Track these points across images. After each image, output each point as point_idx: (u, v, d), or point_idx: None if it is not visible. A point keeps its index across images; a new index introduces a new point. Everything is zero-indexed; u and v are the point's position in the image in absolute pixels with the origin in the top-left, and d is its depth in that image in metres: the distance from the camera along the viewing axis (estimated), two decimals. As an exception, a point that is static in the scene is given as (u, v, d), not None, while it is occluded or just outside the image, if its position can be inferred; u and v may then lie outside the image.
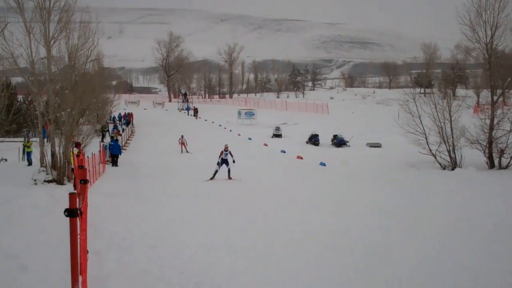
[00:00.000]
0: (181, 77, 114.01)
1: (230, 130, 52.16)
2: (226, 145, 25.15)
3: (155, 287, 6.92)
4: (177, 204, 14.58)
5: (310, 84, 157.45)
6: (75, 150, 20.18)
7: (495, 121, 28.27)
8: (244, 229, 10.96)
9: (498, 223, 11.93)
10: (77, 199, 4.30)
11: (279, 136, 49.56)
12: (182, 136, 36.84)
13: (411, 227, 11.61)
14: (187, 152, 35.63)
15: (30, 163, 26.04)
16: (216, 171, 23.86)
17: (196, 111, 70.88)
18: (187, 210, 13.44)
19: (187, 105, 79.73)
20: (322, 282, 7.33)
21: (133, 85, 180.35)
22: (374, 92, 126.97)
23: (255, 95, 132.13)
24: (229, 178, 23.79)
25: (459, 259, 8.68)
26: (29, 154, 26.98)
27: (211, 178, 23.49)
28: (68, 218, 4.15)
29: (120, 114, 57.79)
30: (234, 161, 24.15)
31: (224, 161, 24.25)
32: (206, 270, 7.68)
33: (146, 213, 12.84)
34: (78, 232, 4.29)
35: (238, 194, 18.13)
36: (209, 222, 11.82)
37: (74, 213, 4.16)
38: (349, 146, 42.67)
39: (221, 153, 24.45)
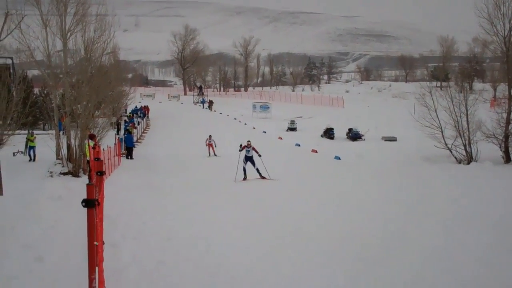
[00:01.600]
0: (196, 70, 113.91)
1: (245, 124, 52.11)
2: (248, 141, 22.30)
3: (170, 279, 6.98)
4: (192, 197, 14.63)
5: (325, 77, 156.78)
6: (91, 143, 20.34)
7: (512, 115, 28.00)
8: (260, 224, 10.97)
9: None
10: (94, 190, 4.36)
11: (294, 129, 49.48)
12: (210, 136, 31.67)
13: (426, 219, 11.53)
14: (215, 155, 30.54)
15: (31, 159, 25.11)
16: (245, 169, 21.38)
17: (211, 103, 71.04)
18: (202, 203, 13.50)
19: (203, 98, 79.72)
20: (338, 274, 7.34)
21: (149, 78, 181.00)
22: (390, 86, 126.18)
23: (270, 88, 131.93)
24: (262, 177, 21.17)
25: (474, 252, 8.63)
26: (31, 148, 25.38)
27: (244, 178, 21.02)
28: (85, 209, 4.21)
29: (136, 107, 57.92)
30: (260, 155, 21.39)
31: (248, 159, 21.66)
32: (220, 264, 7.72)
33: (161, 205, 12.93)
34: (95, 222, 4.35)
35: (253, 188, 18.13)
36: (224, 215, 11.86)
37: (91, 203, 4.21)
38: (364, 139, 42.46)
39: (243, 147, 21.75)
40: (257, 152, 21.66)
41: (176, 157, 28.40)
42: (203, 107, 73.68)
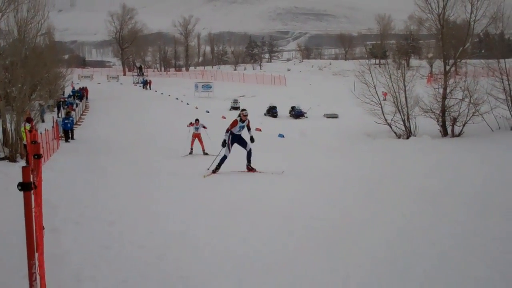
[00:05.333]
0: (136, 50, 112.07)
1: (188, 103, 51.70)
2: (244, 110, 15.84)
3: (116, 262, 6.83)
4: (135, 179, 14.38)
5: (267, 56, 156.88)
6: (27, 126, 19.65)
7: (448, 90, 28.99)
8: (206, 202, 10.87)
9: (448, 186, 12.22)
10: (31, 174, 4.17)
11: (237, 108, 49.49)
12: (198, 120, 22.47)
13: (375, 193, 11.68)
14: (205, 153, 21.11)
15: None
16: (224, 158, 15.04)
17: (146, 82, 72.96)
18: (145, 185, 13.28)
19: (143, 79, 78.48)
20: (287, 252, 7.37)
21: (86, 59, 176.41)
22: (330, 64, 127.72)
23: (212, 67, 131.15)
24: (250, 169, 15.19)
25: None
26: None
27: (214, 171, 14.99)
28: (22, 193, 4.02)
29: (74, 88, 56.31)
30: (252, 139, 15.15)
31: (237, 139, 15.22)
32: (166, 245, 7.62)
33: (104, 189, 12.63)
34: (33, 207, 4.17)
35: (197, 166, 17.93)
36: (168, 196, 11.70)
37: (28, 187, 4.03)
38: (307, 117, 43.06)
39: (234, 123, 15.13)
40: (248, 128, 15.38)
41: (117, 139, 27.75)
42: (143, 88, 72.66)
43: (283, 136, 30.01)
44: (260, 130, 32.46)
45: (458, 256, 6.92)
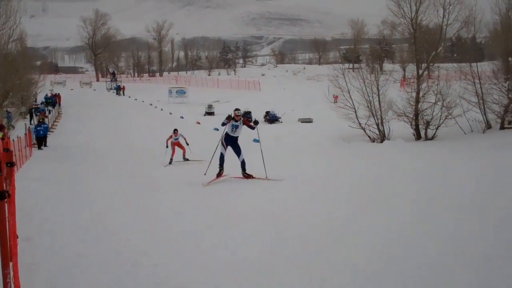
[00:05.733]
0: (109, 56, 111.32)
1: (162, 109, 51.41)
2: (237, 109, 14.76)
3: (90, 270, 6.75)
4: (110, 186, 14.23)
5: (241, 61, 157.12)
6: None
7: (421, 94, 29.34)
8: (181, 209, 10.81)
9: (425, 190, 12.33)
10: (4, 182, 4.09)
11: (211, 114, 49.49)
12: (176, 131, 21.03)
13: (357, 198, 11.70)
14: (185, 159, 20.85)
15: None
16: (222, 156, 14.38)
17: (122, 89, 72.04)
18: (120, 192, 13.16)
19: (116, 85, 77.79)
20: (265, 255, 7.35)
21: (59, 65, 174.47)
22: (304, 68, 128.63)
23: (186, 73, 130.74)
24: (247, 176, 14.43)
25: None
26: None
27: (219, 173, 14.20)
28: (-6, 202, 3.95)
29: (47, 95, 55.55)
30: (257, 122, 15.29)
31: (231, 142, 14.44)
32: (142, 252, 7.55)
33: (78, 196, 12.49)
34: (7, 215, 4.10)
35: (175, 172, 17.85)
36: (144, 203, 11.62)
37: (1, 195, 3.96)
38: (281, 122, 43.20)
39: (228, 120, 14.38)
40: (250, 126, 14.87)
41: (91, 146, 27.42)
42: (117, 94, 72.10)
43: (258, 141, 29.94)
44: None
45: (440, 261, 6.98)
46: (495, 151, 20.83)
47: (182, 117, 44.00)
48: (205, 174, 14.14)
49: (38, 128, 27.34)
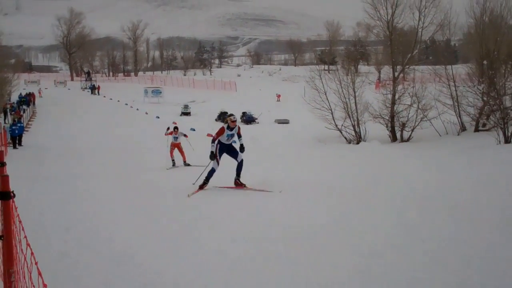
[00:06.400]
0: (83, 55, 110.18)
1: (137, 109, 51.13)
2: (231, 115, 13.49)
3: (73, 269, 6.71)
4: (90, 185, 14.13)
5: (217, 61, 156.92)
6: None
7: (397, 96, 29.62)
8: (160, 211, 10.78)
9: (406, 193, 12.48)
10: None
11: (187, 114, 49.31)
12: (176, 128, 20.16)
13: (342, 200, 11.76)
14: (186, 164, 19.78)
15: None
16: (213, 171, 12.80)
17: (96, 88, 71.96)
18: (101, 191, 13.08)
19: (91, 84, 77.13)
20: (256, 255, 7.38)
21: (33, 64, 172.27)
22: (280, 69, 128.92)
23: (161, 72, 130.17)
24: (239, 184, 12.92)
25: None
26: None
27: (202, 186, 12.81)
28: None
29: (21, 94, 54.82)
30: (242, 148, 13.11)
31: (226, 149, 13.11)
32: (123, 252, 7.51)
33: (58, 194, 12.38)
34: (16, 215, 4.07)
35: (147, 171, 17.75)
36: (126, 199, 11.57)
37: (7, 196, 3.94)
38: (258, 123, 43.23)
39: (220, 132, 12.93)
40: (240, 139, 13.28)
41: (66, 145, 27.20)
42: (91, 93, 71.54)
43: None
44: (212, 136, 32.23)
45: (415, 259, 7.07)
46: (469, 153, 21.14)
47: (158, 117, 43.78)
48: (193, 184, 13.30)
49: (14, 127, 27.06)
